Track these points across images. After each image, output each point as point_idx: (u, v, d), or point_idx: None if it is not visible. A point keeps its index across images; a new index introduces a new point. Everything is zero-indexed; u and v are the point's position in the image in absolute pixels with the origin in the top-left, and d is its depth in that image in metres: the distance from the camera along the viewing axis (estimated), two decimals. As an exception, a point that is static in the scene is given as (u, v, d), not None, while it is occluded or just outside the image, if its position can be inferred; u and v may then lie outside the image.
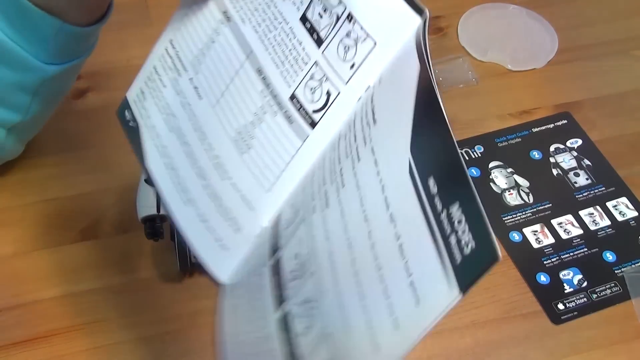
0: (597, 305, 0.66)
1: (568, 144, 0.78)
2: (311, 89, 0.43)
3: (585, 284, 0.67)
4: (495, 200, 0.73)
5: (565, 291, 0.66)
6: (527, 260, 0.69)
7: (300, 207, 0.43)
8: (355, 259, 0.38)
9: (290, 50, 0.44)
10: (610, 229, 0.71)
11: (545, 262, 0.68)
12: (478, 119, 0.80)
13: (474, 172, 0.75)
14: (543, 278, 0.67)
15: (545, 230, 0.71)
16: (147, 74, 0.52)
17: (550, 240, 0.70)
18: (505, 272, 0.68)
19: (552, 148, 0.78)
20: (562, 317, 0.65)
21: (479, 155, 0.76)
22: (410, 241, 0.35)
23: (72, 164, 0.73)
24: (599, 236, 0.71)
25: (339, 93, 0.42)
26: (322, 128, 0.42)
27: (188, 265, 0.63)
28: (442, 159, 0.35)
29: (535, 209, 0.72)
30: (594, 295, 0.66)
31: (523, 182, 0.74)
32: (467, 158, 0.76)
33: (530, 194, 0.73)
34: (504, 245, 0.69)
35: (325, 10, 0.42)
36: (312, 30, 0.43)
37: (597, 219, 0.72)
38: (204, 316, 0.63)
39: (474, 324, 0.64)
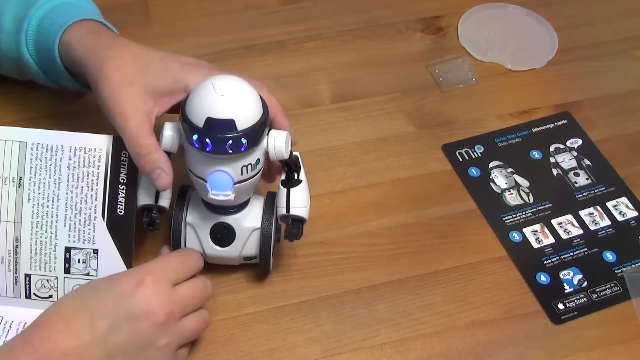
0: (597, 305, 0.66)
1: (568, 143, 0.78)
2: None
3: (585, 283, 0.67)
4: (495, 200, 0.73)
5: (565, 291, 0.66)
6: (527, 260, 0.69)
7: None
8: None
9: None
10: (610, 229, 0.71)
11: (545, 262, 0.68)
12: (478, 119, 0.80)
13: (474, 172, 0.75)
14: (543, 278, 0.67)
15: (545, 230, 0.71)
16: None
17: (550, 240, 0.70)
18: (505, 272, 0.68)
19: (552, 148, 0.78)
20: (562, 317, 0.65)
21: (479, 155, 0.76)
22: None
23: (72, 164, 0.73)
24: (599, 236, 0.71)
25: None
26: None
27: (188, 265, 0.63)
28: None
29: (535, 209, 0.72)
30: (594, 295, 0.66)
31: (523, 182, 0.74)
32: (467, 158, 0.76)
33: (530, 194, 0.73)
34: (504, 245, 0.69)
35: None
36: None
37: (597, 218, 0.72)
38: (203, 316, 0.63)
39: (474, 324, 0.64)
